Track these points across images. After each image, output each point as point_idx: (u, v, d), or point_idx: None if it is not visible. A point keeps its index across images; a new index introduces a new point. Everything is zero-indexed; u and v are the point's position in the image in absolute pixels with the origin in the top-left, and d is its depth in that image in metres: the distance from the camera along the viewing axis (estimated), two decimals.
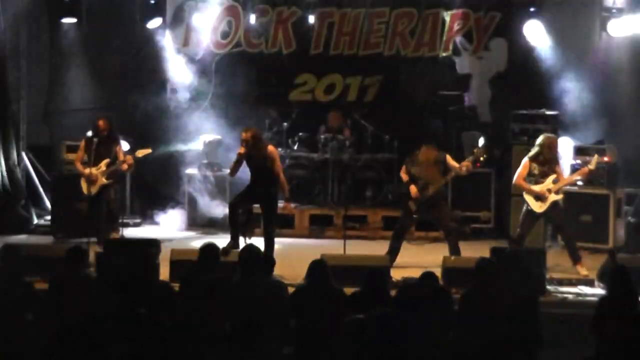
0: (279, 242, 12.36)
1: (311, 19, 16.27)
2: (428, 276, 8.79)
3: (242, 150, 12.06)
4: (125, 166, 13.37)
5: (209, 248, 9.37)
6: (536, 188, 12.22)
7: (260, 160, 12.05)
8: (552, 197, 12.19)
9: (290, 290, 9.52)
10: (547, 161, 12.27)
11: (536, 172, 12.26)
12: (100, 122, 13.38)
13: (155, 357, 8.11)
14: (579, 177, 12.75)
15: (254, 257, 8.76)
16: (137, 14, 16.04)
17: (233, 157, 15.03)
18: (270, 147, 12.26)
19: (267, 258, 9.98)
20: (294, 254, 12.50)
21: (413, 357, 5.06)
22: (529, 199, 12.28)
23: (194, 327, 8.80)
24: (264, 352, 6.32)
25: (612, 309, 7.72)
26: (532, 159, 12.33)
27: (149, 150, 13.71)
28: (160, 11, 16.04)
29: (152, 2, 16.04)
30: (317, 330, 8.39)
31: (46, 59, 16.16)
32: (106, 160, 13.21)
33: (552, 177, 12.20)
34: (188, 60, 16.55)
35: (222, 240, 13.03)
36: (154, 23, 15.88)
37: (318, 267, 8.93)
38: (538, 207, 12.24)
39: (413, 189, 12.28)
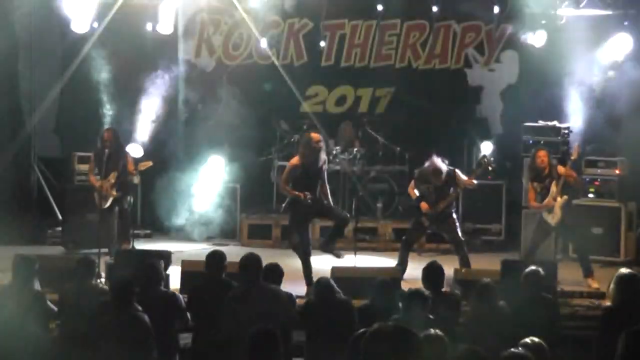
0: (288, 254, 12.31)
1: (322, 31, 16.30)
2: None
3: (296, 161, 11.80)
4: (132, 177, 13.43)
5: (216, 255, 9.36)
6: (544, 202, 12.29)
7: (319, 165, 11.85)
8: (558, 203, 12.23)
9: (300, 302, 9.55)
10: (545, 176, 12.32)
11: (539, 190, 12.33)
12: (105, 134, 13.44)
13: None
14: (564, 171, 12.38)
15: (255, 265, 8.72)
16: (149, 25, 16.08)
17: (241, 168, 15.12)
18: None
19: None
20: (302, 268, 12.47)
21: None
22: (545, 216, 12.36)
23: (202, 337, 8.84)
24: None
25: (620, 319, 7.68)
26: (531, 180, 12.45)
27: (150, 163, 13.72)
28: (172, 23, 16.07)
29: (165, 13, 16.07)
30: (326, 343, 8.40)
31: (58, 71, 16.20)
32: (114, 173, 13.24)
33: (553, 187, 12.24)
34: (200, 72, 16.60)
35: (232, 250, 13.08)
36: (164, 29, 15.88)
37: (323, 285, 8.95)
38: (551, 219, 12.30)
39: (424, 205, 12.29)
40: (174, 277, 11.25)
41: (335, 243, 12.00)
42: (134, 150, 13.96)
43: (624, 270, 8.78)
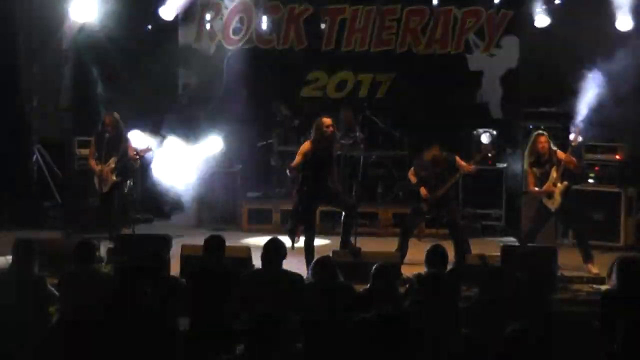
0: (285, 240, 12.27)
1: (323, 16, 16.28)
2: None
3: (308, 145, 11.67)
4: (133, 162, 13.45)
5: (215, 239, 9.37)
6: (544, 188, 12.30)
7: (331, 150, 11.82)
8: (558, 189, 12.24)
9: None
10: (545, 162, 12.33)
11: (538, 175, 12.34)
12: (107, 119, 13.44)
13: (166, 352, 8.14)
14: (564, 157, 12.41)
15: (280, 251, 8.78)
16: (150, 9, 16.07)
17: (241, 153, 15.12)
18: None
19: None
20: (303, 251, 12.46)
21: (421, 356, 5.06)
22: (545, 201, 12.37)
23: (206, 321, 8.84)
24: (283, 346, 6.32)
25: (622, 305, 7.69)
26: (531, 165, 12.45)
27: (151, 149, 13.74)
28: (172, 7, 16.06)
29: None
30: (325, 327, 8.39)
31: (59, 54, 16.18)
32: (114, 158, 13.25)
33: (554, 172, 12.25)
34: (200, 56, 16.58)
35: (231, 235, 13.07)
36: (166, 16, 15.89)
37: (323, 265, 8.93)
38: (551, 204, 12.32)
39: (423, 190, 12.36)
40: (174, 262, 11.24)
41: (350, 238, 11.91)
42: (135, 136, 13.96)
43: (625, 255, 8.80)
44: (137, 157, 13.45)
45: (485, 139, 14.72)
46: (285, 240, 11.69)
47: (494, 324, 7.32)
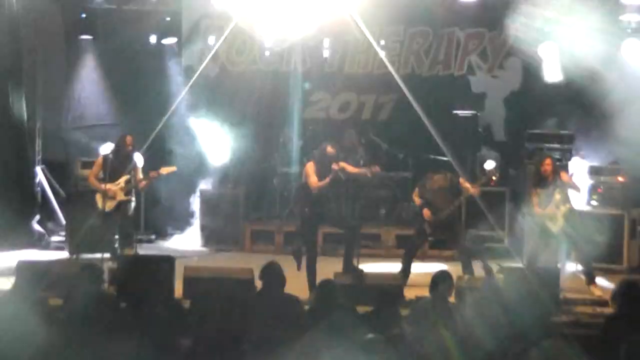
0: (291, 260, 12.28)
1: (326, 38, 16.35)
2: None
3: (337, 166, 11.75)
4: (143, 183, 13.36)
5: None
6: (547, 210, 12.29)
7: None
8: (561, 211, 12.23)
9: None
10: (549, 183, 12.32)
11: (542, 196, 12.33)
12: (128, 138, 13.32)
13: None
14: (568, 179, 12.51)
15: (277, 274, 8.76)
16: (153, 31, 16.13)
17: (244, 174, 15.14)
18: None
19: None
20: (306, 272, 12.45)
21: None
22: (547, 223, 12.36)
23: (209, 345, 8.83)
24: None
25: (623, 327, 7.67)
26: (535, 186, 12.45)
27: (174, 168, 13.68)
28: (175, 29, 16.13)
29: (168, 19, 16.12)
30: (327, 349, 8.38)
31: (62, 75, 16.22)
32: (125, 177, 13.21)
33: (557, 194, 12.24)
34: (203, 78, 16.60)
35: (234, 256, 13.07)
36: (169, 40, 15.98)
37: (325, 288, 8.94)
38: (553, 226, 12.31)
39: (426, 212, 12.37)
40: (176, 283, 11.23)
41: (353, 259, 11.91)
42: (139, 159, 13.99)
43: (626, 278, 8.78)
44: (151, 178, 13.39)
45: (489, 164, 14.70)
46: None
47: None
